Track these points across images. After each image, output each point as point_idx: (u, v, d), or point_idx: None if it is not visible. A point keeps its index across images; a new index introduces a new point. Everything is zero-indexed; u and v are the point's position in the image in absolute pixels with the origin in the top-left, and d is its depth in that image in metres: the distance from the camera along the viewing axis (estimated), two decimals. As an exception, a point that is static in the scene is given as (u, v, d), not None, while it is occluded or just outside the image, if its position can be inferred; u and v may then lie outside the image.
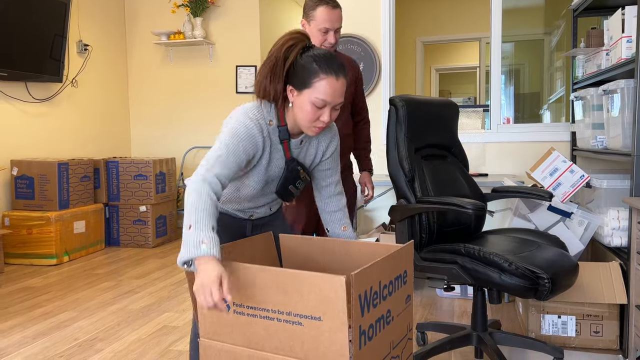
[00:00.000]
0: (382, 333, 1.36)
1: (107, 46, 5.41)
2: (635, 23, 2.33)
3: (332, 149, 1.69)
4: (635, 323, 2.19)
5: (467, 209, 1.91)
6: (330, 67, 1.47)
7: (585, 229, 2.63)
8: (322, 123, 1.51)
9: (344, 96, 2.09)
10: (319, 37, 2.18)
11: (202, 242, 1.32)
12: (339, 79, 1.48)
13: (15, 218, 4.14)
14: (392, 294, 1.41)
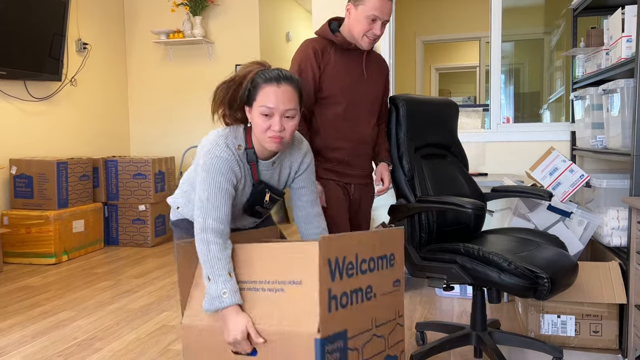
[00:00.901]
0: (361, 306, 1.43)
1: (106, 45, 5.41)
2: (635, 22, 2.32)
3: (305, 166, 1.71)
4: (634, 323, 2.19)
5: (466, 209, 1.91)
6: (271, 76, 1.54)
7: (584, 229, 2.63)
8: (273, 132, 1.52)
9: (376, 96, 2.14)
10: (365, 26, 1.99)
11: (224, 294, 1.43)
12: (280, 86, 1.53)
13: (14, 217, 4.13)
14: (374, 272, 1.48)
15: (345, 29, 2.07)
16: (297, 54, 2.07)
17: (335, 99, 2.05)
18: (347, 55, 2.09)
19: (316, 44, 2.05)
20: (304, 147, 1.73)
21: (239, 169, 1.58)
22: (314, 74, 2.02)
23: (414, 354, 2.12)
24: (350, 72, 2.08)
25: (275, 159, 1.64)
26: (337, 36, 2.06)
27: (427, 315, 2.91)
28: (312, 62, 2.02)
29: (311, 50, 2.03)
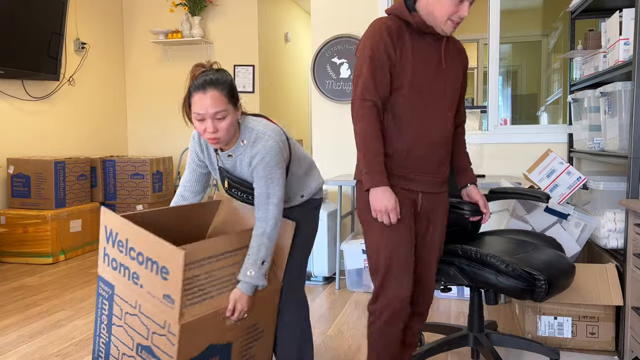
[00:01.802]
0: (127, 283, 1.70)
1: (104, 45, 5.40)
2: (632, 25, 2.33)
3: (253, 164, 1.78)
4: (630, 325, 2.20)
5: (463, 210, 1.91)
6: (198, 83, 1.69)
7: (581, 231, 2.64)
8: (208, 134, 1.70)
9: (454, 90, 1.84)
10: (450, 7, 1.67)
11: None
12: (206, 92, 1.67)
13: (11, 216, 4.13)
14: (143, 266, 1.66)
15: (424, 9, 1.73)
16: (367, 35, 1.74)
17: (411, 91, 1.73)
18: (423, 39, 1.76)
19: (391, 23, 1.72)
20: (258, 147, 1.77)
21: (202, 151, 1.90)
22: (389, 59, 1.71)
23: (412, 355, 2.13)
24: (428, 60, 1.75)
25: (230, 152, 1.80)
26: (415, 16, 1.73)
27: (425, 317, 2.91)
28: (388, 45, 1.69)
29: (385, 31, 1.70)
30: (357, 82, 1.73)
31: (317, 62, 3.88)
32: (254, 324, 1.86)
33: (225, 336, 1.76)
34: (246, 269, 1.76)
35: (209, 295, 1.70)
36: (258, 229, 1.78)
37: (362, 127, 1.69)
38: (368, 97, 1.70)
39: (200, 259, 1.69)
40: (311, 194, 2.00)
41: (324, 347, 2.52)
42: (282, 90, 6.11)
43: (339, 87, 3.85)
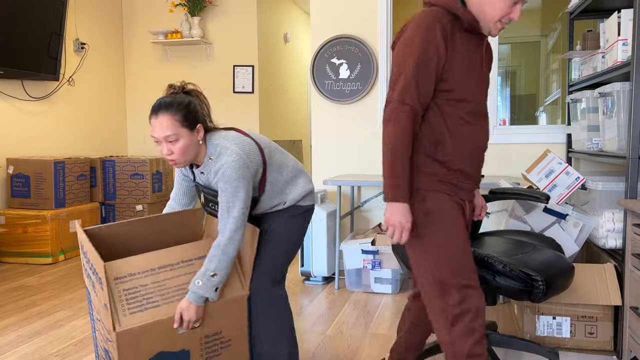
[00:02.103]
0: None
1: (104, 45, 5.40)
2: (631, 26, 2.34)
3: (217, 177, 1.81)
4: (629, 324, 2.20)
5: None
6: (153, 108, 1.78)
7: (580, 231, 2.65)
8: (166, 157, 1.80)
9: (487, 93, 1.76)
10: (503, 9, 1.56)
11: None
12: (157, 117, 1.76)
13: (10, 216, 4.13)
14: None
15: (475, 6, 1.59)
16: (417, 30, 1.54)
17: (462, 95, 1.59)
18: (470, 39, 1.62)
19: (443, 18, 1.56)
20: (220, 161, 1.80)
21: (185, 168, 1.99)
22: (439, 60, 1.54)
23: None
24: (474, 62, 1.62)
25: (201, 168, 1.88)
26: (466, 12, 1.58)
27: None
28: (440, 45, 1.52)
29: (439, 29, 1.53)
30: (398, 81, 1.54)
31: (316, 62, 3.89)
32: (215, 333, 1.86)
33: (178, 344, 1.77)
34: (196, 279, 1.77)
35: (155, 305, 1.73)
36: (216, 241, 1.80)
37: (394, 133, 1.52)
38: (407, 101, 1.53)
39: (144, 271, 1.75)
40: (294, 201, 1.98)
41: (323, 347, 2.52)
42: (281, 91, 6.12)
43: (338, 88, 3.86)
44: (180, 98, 1.79)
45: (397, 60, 1.56)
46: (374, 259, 3.31)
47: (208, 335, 1.84)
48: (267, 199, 1.95)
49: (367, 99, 3.85)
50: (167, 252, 1.80)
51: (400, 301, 3.17)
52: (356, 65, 3.82)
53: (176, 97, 1.79)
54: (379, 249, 3.28)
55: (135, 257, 1.77)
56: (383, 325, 2.79)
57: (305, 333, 2.69)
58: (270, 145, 1.97)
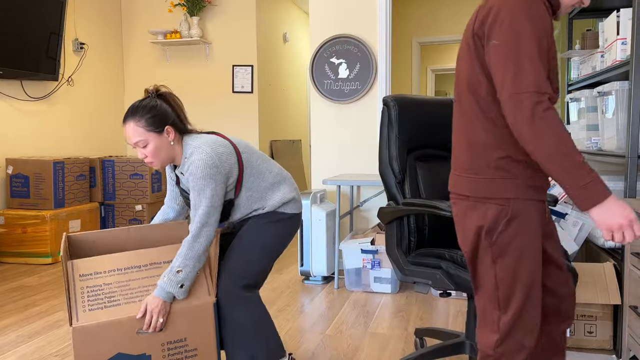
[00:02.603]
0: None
1: (103, 45, 5.40)
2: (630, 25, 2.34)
3: (187, 176, 1.86)
4: (628, 323, 2.21)
5: (445, 212, 1.83)
6: (124, 116, 1.86)
7: (579, 230, 2.65)
8: (142, 160, 1.92)
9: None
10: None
11: None
12: (125, 125, 1.84)
13: (10, 217, 4.13)
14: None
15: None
16: (520, 4, 1.27)
17: (553, 85, 1.40)
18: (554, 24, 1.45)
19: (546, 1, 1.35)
20: (190, 160, 1.84)
21: (172, 171, 2.05)
22: (548, 44, 1.31)
23: (402, 359, 2.11)
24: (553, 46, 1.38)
25: (180, 169, 1.93)
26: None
27: (423, 315, 2.92)
28: (549, 29, 1.29)
29: (546, 5, 1.31)
30: (520, 69, 1.24)
31: (315, 62, 3.89)
32: (179, 339, 1.81)
33: (138, 347, 1.74)
34: (163, 275, 1.78)
35: (116, 303, 1.72)
36: (185, 239, 1.82)
37: (554, 134, 1.21)
38: (544, 90, 1.23)
39: (110, 270, 1.76)
40: (274, 207, 1.97)
41: (323, 346, 2.53)
42: (280, 91, 6.12)
43: (337, 87, 3.86)
44: (147, 102, 1.84)
45: (503, 45, 1.27)
46: (374, 258, 3.31)
47: (170, 341, 1.79)
48: (246, 204, 1.95)
49: (366, 99, 3.85)
50: (136, 253, 1.80)
51: (399, 300, 3.17)
52: (355, 64, 3.82)
53: (142, 102, 1.84)
54: (379, 248, 3.28)
55: (102, 257, 1.77)
56: (382, 325, 2.79)
57: (304, 332, 2.69)
58: (252, 150, 1.99)
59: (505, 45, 1.27)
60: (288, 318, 2.91)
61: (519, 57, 1.25)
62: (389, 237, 2.14)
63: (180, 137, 1.90)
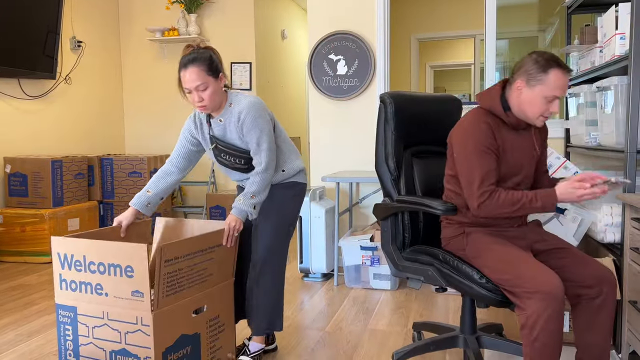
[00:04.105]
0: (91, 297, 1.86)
1: (100, 43, 5.39)
2: (628, 20, 2.33)
3: (241, 119, 2.06)
4: (628, 318, 2.21)
5: (435, 210, 1.86)
6: (182, 63, 2.01)
7: (578, 225, 2.65)
8: (197, 104, 2.03)
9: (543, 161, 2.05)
10: (541, 107, 1.81)
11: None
12: (187, 70, 1.99)
13: (8, 216, 4.12)
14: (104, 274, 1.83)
15: (516, 108, 1.87)
16: (468, 127, 1.86)
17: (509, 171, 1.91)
18: (517, 131, 1.93)
19: (488, 119, 1.87)
20: (243, 103, 2.07)
21: (196, 127, 2.19)
22: (493, 150, 1.85)
23: (396, 352, 2.13)
24: (522, 148, 1.93)
25: (220, 116, 2.12)
26: (509, 115, 1.88)
27: (423, 312, 2.92)
28: (490, 137, 1.84)
29: (484, 125, 1.85)
30: (471, 178, 1.82)
31: (313, 59, 3.88)
32: (215, 317, 2.05)
33: (193, 327, 1.93)
34: (238, 198, 2.09)
35: (182, 288, 1.86)
36: (254, 171, 2.09)
37: (510, 204, 1.78)
38: (490, 184, 1.81)
39: (185, 255, 1.85)
40: (293, 171, 2.24)
41: (322, 343, 2.52)
42: (279, 88, 6.11)
43: (335, 84, 3.85)
44: (202, 52, 2.03)
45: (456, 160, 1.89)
46: (373, 255, 3.31)
47: (211, 319, 2.02)
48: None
49: (364, 95, 3.84)
50: (204, 237, 1.94)
51: (399, 297, 3.17)
52: (354, 61, 3.81)
53: (199, 52, 2.03)
54: (378, 245, 3.28)
55: (181, 241, 1.84)
56: (382, 321, 2.79)
57: (304, 329, 2.69)
58: (275, 118, 2.25)
59: (459, 157, 1.88)
60: (288, 315, 2.90)
61: (467, 171, 1.84)
62: (384, 233, 2.17)
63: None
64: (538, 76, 1.78)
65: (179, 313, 1.84)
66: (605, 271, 1.79)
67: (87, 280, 1.85)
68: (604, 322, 1.79)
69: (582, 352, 1.84)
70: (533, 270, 1.68)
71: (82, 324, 1.89)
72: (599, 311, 1.78)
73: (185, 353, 1.87)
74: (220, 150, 2.15)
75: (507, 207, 1.77)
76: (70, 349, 1.93)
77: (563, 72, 1.77)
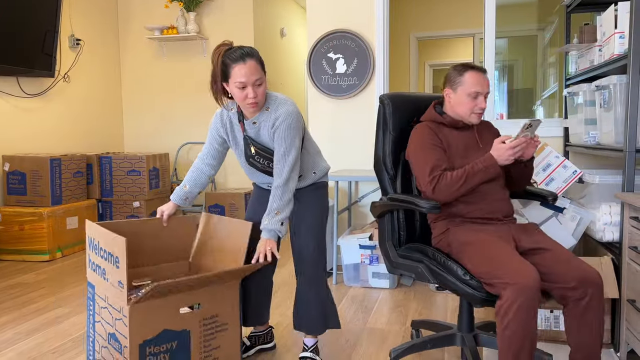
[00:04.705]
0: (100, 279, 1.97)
1: (99, 41, 5.38)
2: (628, 19, 2.33)
3: (275, 126, 2.03)
4: (626, 317, 2.21)
5: (421, 208, 1.93)
6: (237, 56, 1.93)
7: (577, 224, 2.65)
8: (249, 100, 1.95)
9: None
10: (469, 103, 2.07)
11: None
12: (246, 63, 1.92)
13: (7, 214, 4.11)
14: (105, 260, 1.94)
15: (450, 111, 2.14)
16: (413, 137, 2.12)
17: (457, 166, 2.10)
18: (459, 131, 2.15)
19: (430, 125, 2.12)
20: (281, 110, 2.03)
21: (223, 124, 2.15)
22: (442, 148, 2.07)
23: (393, 349, 2.13)
24: (466, 145, 2.13)
25: (254, 119, 2.07)
26: (446, 117, 2.13)
27: (421, 311, 2.92)
28: (434, 138, 2.07)
29: (426, 130, 2.10)
30: (422, 171, 2.02)
31: (312, 57, 3.87)
32: (213, 316, 2.05)
33: (180, 323, 1.94)
34: (263, 219, 2.06)
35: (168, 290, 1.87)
36: (274, 183, 2.05)
37: (457, 179, 1.97)
38: (438, 170, 2.01)
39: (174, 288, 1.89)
40: (322, 173, 2.25)
41: (321, 341, 2.53)
42: (278, 86, 6.10)
43: (334, 83, 3.85)
44: (253, 49, 1.99)
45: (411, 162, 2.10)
46: (372, 253, 3.31)
47: (206, 317, 2.02)
48: (302, 166, 2.18)
49: (364, 94, 3.84)
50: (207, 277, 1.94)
51: (397, 296, 3.18)
52: (353, 59, 3.81)
53: (251, 48, 1.98)
54: (377, 243, 3.28)
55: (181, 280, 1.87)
56: (381, 320, 2.79)
57: (303, 328, 2.69)
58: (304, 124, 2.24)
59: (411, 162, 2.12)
60: (287, 314, 2.90)
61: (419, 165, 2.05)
62: (381, 231, 2.22)
63: None
64: (457, 80, 2.07)
65: (162, 308, 1.88)
66: (589, 273, 1.79)
67: (100, 264, 1.97)
68: (591, 323, 1.81)
69: (574, 352, 1.86)
70: (510, 262, 1.75)
71: (97, 302, 2.03)
72: (585, 313, 1.80)
73: (169, 348, 1.91)
74: (255, 152, 2.11)
75: (456, 183, 1.97)
76: (91, 322, 2.08)
77: (477, 72, 2.06)
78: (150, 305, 1.85)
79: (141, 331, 1.83)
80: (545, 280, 1.86)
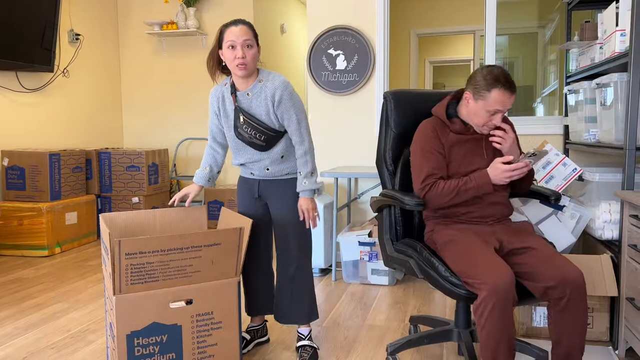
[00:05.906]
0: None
1: (99, 36, 5.36)
2: (629, 17, 2.33)
3: (278, 97, 2.09)
4: (625, 315, 2.21)
5: (405, 205, 1.96)
6: (231, 22, 2.06)
7: (577, 222, 2.65)
8: (239, 60, 2.03)
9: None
10: (484, 119, 2.00)
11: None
12: (237, 25, 2.04)
13: (6, 209, 4.11)
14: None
15: (465, 116, 2.09)
16: (418, 134, 2.11)
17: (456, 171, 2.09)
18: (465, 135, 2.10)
19: (436, 125, 2.10)
20: (277, 81, 2.10)
21: (217, 98, 2.22)
22: (438, 150, 2.06)
23: (390, 344, 2.14)
24: (470, 151, 2.09)
25: (248, 90, 2.13)
26: (454, 122, 2.09)
27: (420, 307, 2.92)
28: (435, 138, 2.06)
29: (431, 131, 2.08)
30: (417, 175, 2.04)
31: (312, 53, 3.86)
32: (207, 312, 2.03)
33: (171, 318, 1.94)
34: (301, 182, 2.15)
35: (155, 279, 1.89)
36: (298, 151, 2.15)
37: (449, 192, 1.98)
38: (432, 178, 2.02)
39: (154, 250, 1.88)
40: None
41: (320, 338, 2.53)
42: (278, 82, 6.08)
43: (335, 79, 3.84)
44: (247, 21, 2.11)
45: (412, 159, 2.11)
46: (371, 250, 3.31)
47: (199, 314, 2.01)
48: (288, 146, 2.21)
49: (364, 90, 3.83)
50: (180, 237, 1.92)
51: (396, 292, 3.18)
52: (353, 56, 3.80)
53: (243, 19, 2.10)
54: (376, 240, 3.28)
55: (149, 238, 1.87)
56: (380, 317, 2.79)
57: (302, 325, 2.69)
58: None
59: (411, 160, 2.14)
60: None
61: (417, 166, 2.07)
62: (380, 226, 2.26)
63: None
64: (482, 92, 1.97)
65: (150, 302, 1.90)
66: (570, 273, 1.78)
67: (103, 256, 2.02)
68: (569, 324, 1.81)
69: (554, 347, 1.88)
70: (486, 263, 1.78)
71: (106, 292, 2.06)
72: (564, 312, 1.81)
73: (159, 340, 1.92)
74: (244, 122, 2.14)
75: (446, 195, 1.98)
76: (106, 311, 2.12)
77: (505, 92, 1.94)
78: (136, 298, 1.86)
79: (128, 322, 1.86)
80: (527, 279, 1.86)
